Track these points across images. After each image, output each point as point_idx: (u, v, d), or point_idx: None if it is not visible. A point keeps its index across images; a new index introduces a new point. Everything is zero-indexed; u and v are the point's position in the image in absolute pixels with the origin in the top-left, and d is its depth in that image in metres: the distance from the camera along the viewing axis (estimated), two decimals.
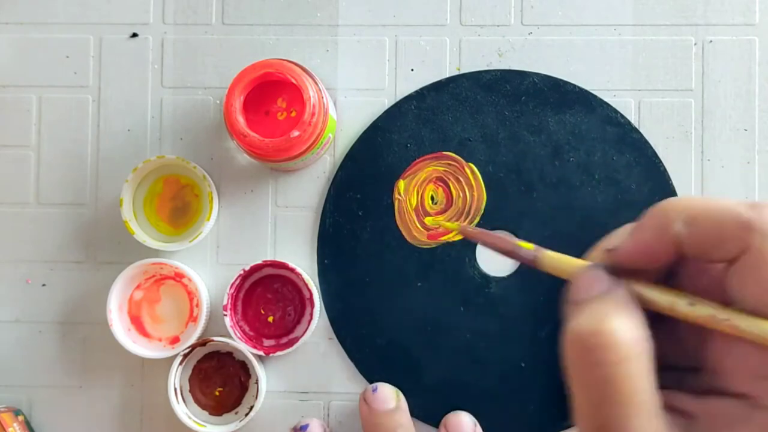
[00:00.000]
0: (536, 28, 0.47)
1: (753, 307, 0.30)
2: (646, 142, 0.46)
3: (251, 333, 0.46)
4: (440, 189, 0.46)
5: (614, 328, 0.31)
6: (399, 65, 0.47)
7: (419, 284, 0.46)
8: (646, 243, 0.32)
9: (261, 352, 0.45)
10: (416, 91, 0.47)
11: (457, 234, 0.46)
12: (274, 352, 0.45)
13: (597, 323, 0.32)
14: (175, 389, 0.45)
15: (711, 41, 0.47)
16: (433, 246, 0.46)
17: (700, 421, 0.31)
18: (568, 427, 0.45)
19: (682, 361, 0.34)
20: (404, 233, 0.46)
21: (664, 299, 0.32)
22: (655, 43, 0.47)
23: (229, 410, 0.46)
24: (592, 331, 0.31)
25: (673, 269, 0.34)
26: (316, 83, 0.43)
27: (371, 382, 0.46)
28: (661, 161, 0.46)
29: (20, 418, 0.46)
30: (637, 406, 0.30)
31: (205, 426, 0.45)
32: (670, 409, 0.32)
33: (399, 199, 0.46)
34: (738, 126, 0.47)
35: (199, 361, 0.46)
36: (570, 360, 0.33)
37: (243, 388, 0.46)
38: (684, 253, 0.32)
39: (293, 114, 0.44)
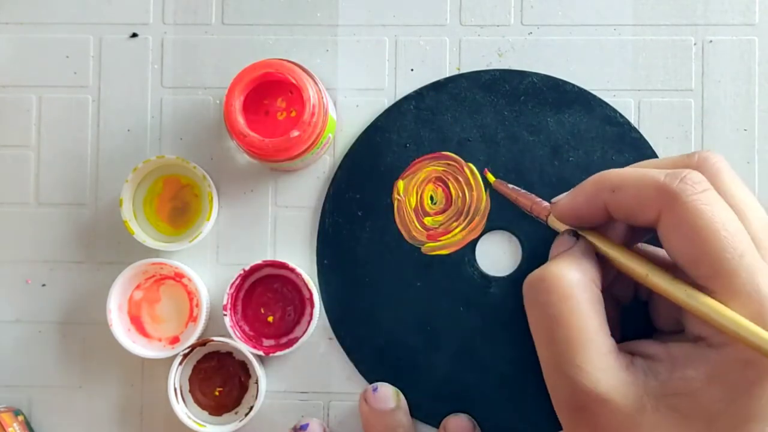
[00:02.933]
0: (536, 28, 0.47)
1: (681, 260, 0.35)
2: (645, 142, 0.46)
3: (251, 333, 0.46)
4: (439, 189, 0.46)
5: (556, 273, 0.37)
6: (399, 65, 0.48)
7: (419, 284, 0.46)
8: (578, 204, 0.38)
9: (261, 352, 0.45)
10: (416, 91, 0.47)
11: (460, 232, 0.46)
12: (273, 352, 0.45)
13: (544, 269, 0.37)
14: (175, 389, 0.45)
15: (711, 41, 0.47)
16: (445, 254, 0.46)
17: (663, 361, 0.35)
18: None
19: (663, 322, 0.40)
20: (404, 233, 0.46)
21: (617, 256, 0.38)
22: (655, 43, 0.47)
23: (229, 410, 0.46)
24: (540, 276, 0.37)
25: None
26: (316, 83, 0.43)
27: (371, 382, 0.46)
28: None
29: (20, 418, 0.46)
30: (582, 341, 0.35)
31: (205, 426, 0.45)
32: (636, 354, 0.36)
33: (398, 199, 0.46)
34: (738, 126, 0.47)
35: (198, 361, 0.46)
36: (526, 305, 0.39)
37: (243, 388, 0.46)
38: (612, 216, 0.37)
39: (293, 114, 0.44)
